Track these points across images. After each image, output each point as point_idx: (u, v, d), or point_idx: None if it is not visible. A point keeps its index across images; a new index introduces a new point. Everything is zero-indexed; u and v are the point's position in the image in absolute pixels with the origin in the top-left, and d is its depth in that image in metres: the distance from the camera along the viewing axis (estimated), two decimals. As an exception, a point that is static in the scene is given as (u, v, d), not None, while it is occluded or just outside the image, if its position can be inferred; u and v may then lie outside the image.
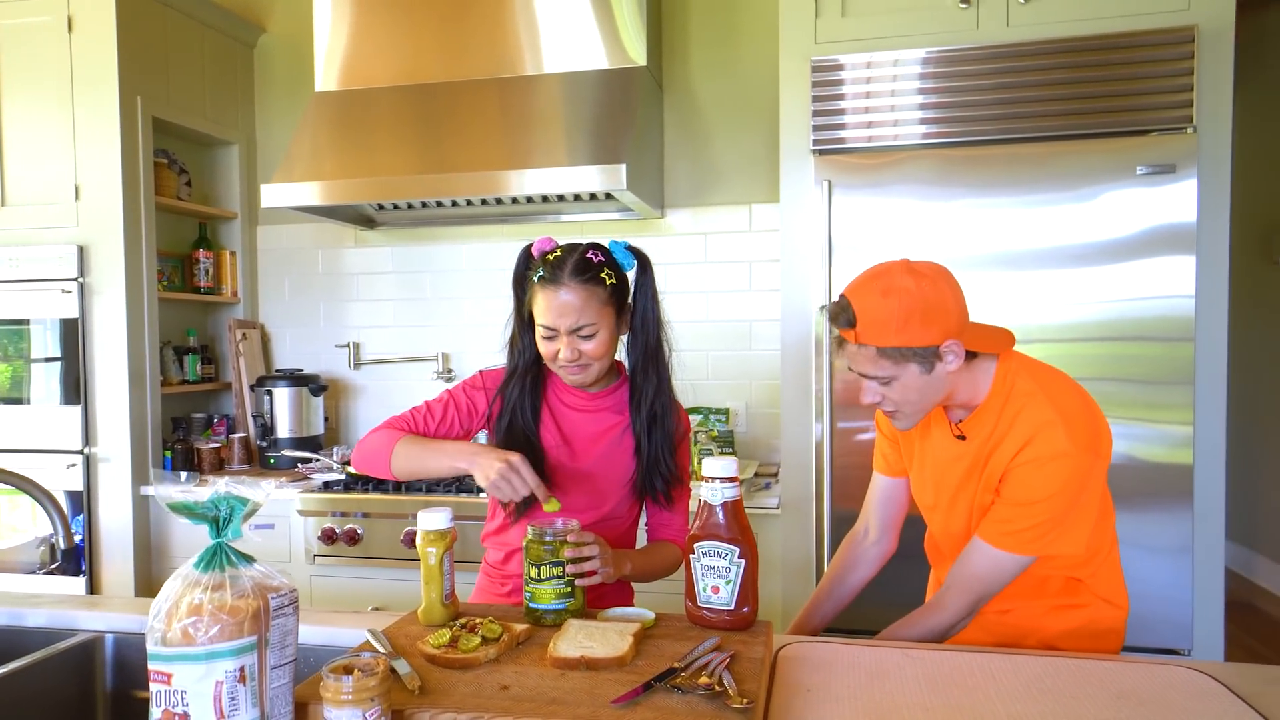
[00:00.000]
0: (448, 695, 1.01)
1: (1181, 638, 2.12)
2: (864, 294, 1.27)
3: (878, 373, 1.28)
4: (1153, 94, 2.11)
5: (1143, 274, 2.11)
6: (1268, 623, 3.68)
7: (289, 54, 3.28)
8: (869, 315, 1.25)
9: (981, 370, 1.32)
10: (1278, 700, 1.07)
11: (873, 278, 1.28)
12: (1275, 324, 4.00)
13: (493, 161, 2.58)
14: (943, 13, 2.25)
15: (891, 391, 1.29)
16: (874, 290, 1.26)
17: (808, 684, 1.13)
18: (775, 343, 2.83)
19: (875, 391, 1.31)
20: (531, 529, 1.29)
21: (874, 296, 1.25)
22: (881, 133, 2.27)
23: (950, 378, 1.29)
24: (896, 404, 1.31)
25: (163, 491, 0.96)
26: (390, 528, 2.55)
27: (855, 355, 1.30)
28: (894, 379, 1.28)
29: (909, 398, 1.29)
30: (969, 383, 1.31)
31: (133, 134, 2.75)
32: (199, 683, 0.88)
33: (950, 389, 1.30)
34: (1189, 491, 2.11)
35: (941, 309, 1.24)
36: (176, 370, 3.02)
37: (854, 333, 1.27)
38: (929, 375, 1.27)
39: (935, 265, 1.29)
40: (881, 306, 1.24)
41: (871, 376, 1.29)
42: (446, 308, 3.17)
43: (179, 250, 3.15)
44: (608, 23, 2.75)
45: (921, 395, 1.29)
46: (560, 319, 1.39)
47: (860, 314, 1.26)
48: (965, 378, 1.30)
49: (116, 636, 1.48)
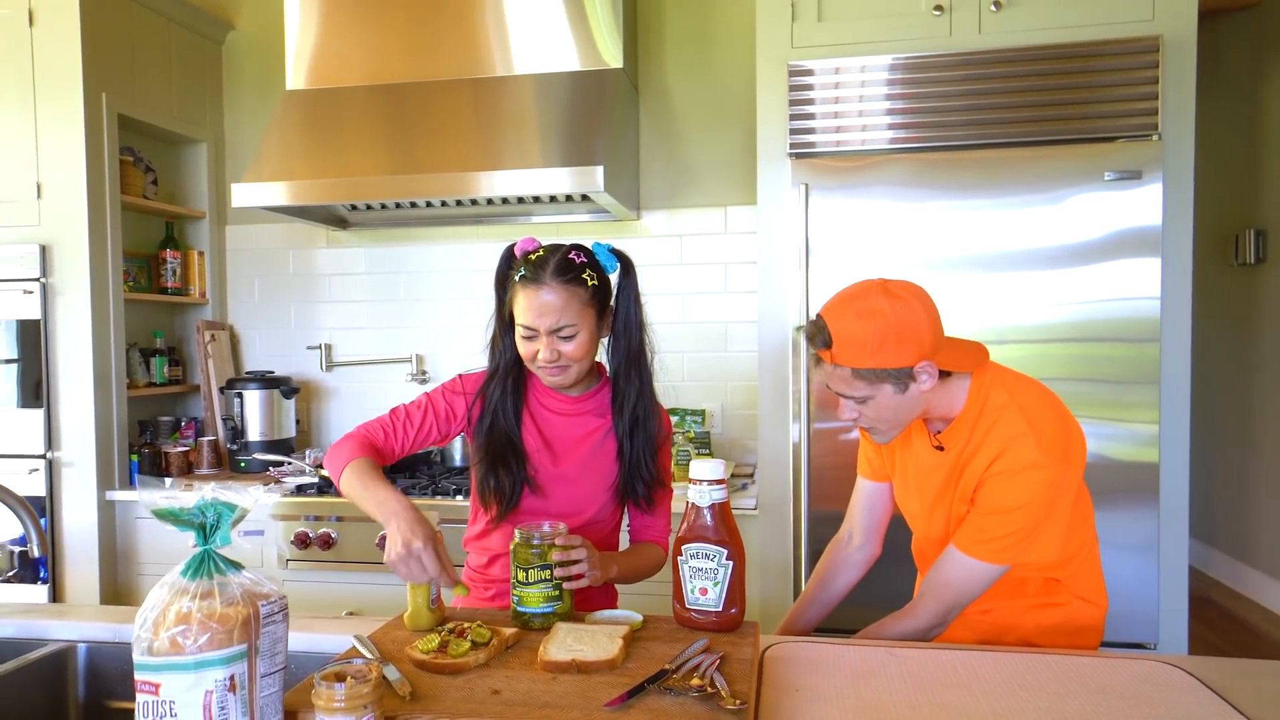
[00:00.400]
0: (439, 701, 1.00)
1: (1148, 632, 2.17)
2: (840, 316, 1.29)
3: (853, 393, 1.31)
4: (1119, 102, 2.16)
5: (1110, 276, 2.16)
6: (1224, 615, 3.78)
7: (258, 52, 3.23)
8: (844, 337, 1.28)
9: (956, 385, 1.35)
10: (1247, 692, 1.11)
11: (849, 299, 1.31)
12: (1232, 326, 4.11)
13: (470, 163, 2.56)
14: (916, 19, 2.29)
15: (867, 410, 1.33)
16: (850, 312, 1.28)
17: (796, 684, 1.14)
18: (751, 344, 2.86)
19: (852, 409, 1.34)
20: (519, 532, 1.28)
21: (850, 318, 1.28)
22: (855, 137, 2.30)
23: (925, 396, 1.32)
24: (872, 421, 1.34)
25: (147, 497, 0.94)
26: (365, 531, 2.52)
27: (832, 375, 1.33)
28: (870, 398, 1.31)
29: (884, 416, 1.33)
30: (944, 398, 1.34)
31: (98, 131, 2.69)
32: (188, 692, 0.87)
33: (926, 406, 1.34)
34: (1155, 489, 2.16)
35: (915, 331, 1.27)
36: (143, 372, 2.96)
37: (830, 353, 1.30)
38: (903, 395, 1.30)
39: (911, 285, 1.32)
40: (857, 329, 1.27)
41: (848, 396, 1.33)
42: (421, 309, 3.14)
43: (145, 250, 3.09)
44: (582, 25, 2.75)
45: (896, 414, 1.33)
46: (540, 319, 1.38)
47: (836, 335, 1.28)
48: (940, 394, 1.33)
49: (89, 646, 1.45)
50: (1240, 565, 4.08)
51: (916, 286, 1.32)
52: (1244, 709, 1.05)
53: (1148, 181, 2.12)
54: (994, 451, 1.29)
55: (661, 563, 1.55)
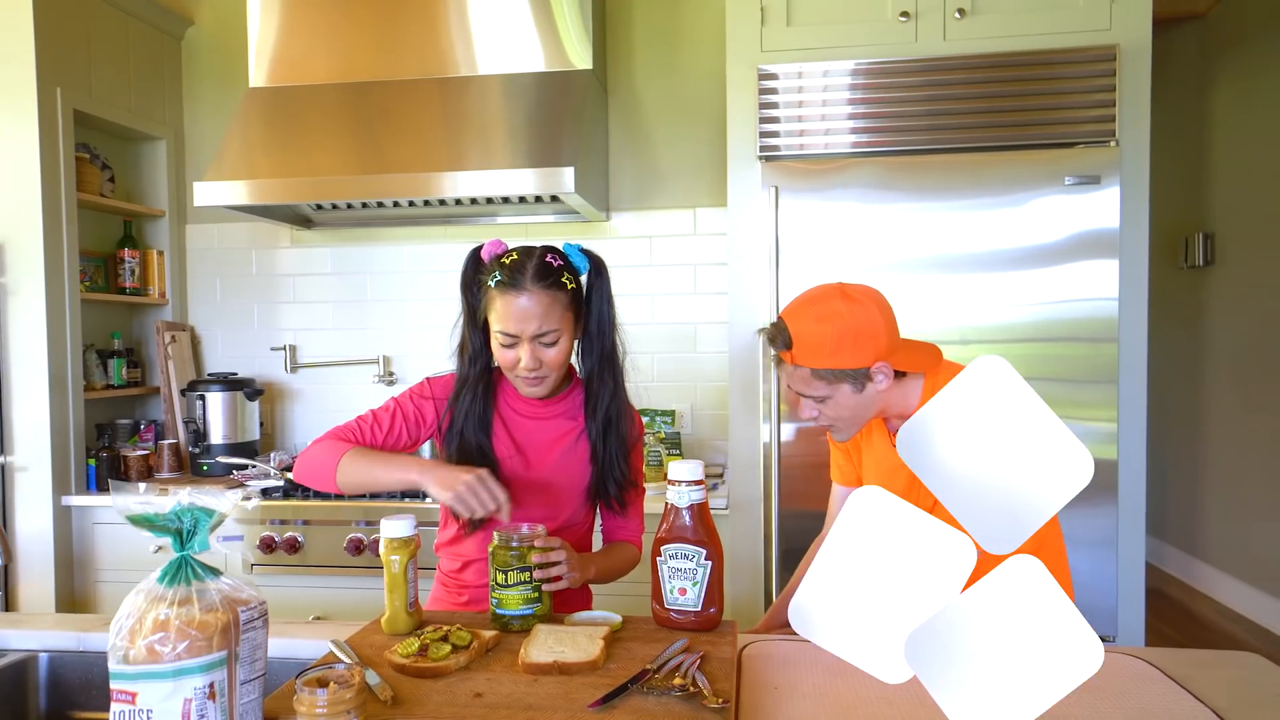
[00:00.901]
0: (421, 705, 1.00)
1: (1107, 625, 2.23)
2: (799, 318, 1.35)
3: (812, 392, 1.37)
4: (1079, 109, 2.22)
5: (1070, 278, 2.21)
6: (1176, 608, 3.90)
7: (217, 47, 3.18)
8: (804, 339, 1.34)
9: (911, 385, 1.41)
10: (1206, 681, 1.15)
11: (808, 302, 1.37)
12: (1181, 327, 4.24)
13: (441, 163, 2.54)
14: (882, 25, 2.32)
15: (826, 409, 1.39)
16: (809, 315, 1.35)
17: (774, 682, 1.16)
18: (720, 345, 2.88)
19: (812, 408, 1.40)
20: (498, 535, 1.28)
21: (809, 321, 1.34)
22: (822, 140, 2.33)
23: (881, 395, 1.38)
24: (831, 420, 1.41)
25: (121, 502, 0.93)
26: (332, 535, 2.49)
27: (792, 375, 1.39)
28: (828, 398, 1.37)
29: (842, 415, 1.39)
30: (900, 397, 1.40)
31: (52, 127, 2.62)
32: (165, 701, 0.86)
33: (883, 405, 1.40)
34: (1113, 487, 2.22)
35: (872, 334, 1.33)
36: (100, 374, 2.89)
37: (790, 354, 1.36)
38: (860, 395, 1.37)
39: (868, 289, 1.38)
40: (816, 331, 1.33)
41: (807, 395, 1.39)
42: (387, 310, 3.11)
43: (102, 249, 3.01)
44: (551, 26, 2.75)
45: (854, 413, 1.39)
46: (523, 325, 1.36)
47: (796, 337, 1.34)
48: (896, 393, 1.40)
49: (50, 655, 1.41)
50: (1190, 559, 4.21)
51: (874, 290, 1.38)
52: (1202, 696, 1.09)
53: (1106, 186, 2.18)
54: None
55: (635, 561, 1.55)
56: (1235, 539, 3.87)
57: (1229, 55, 3.87)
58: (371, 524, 2.49)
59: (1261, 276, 3.64)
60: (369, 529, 2.48)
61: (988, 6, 2.27)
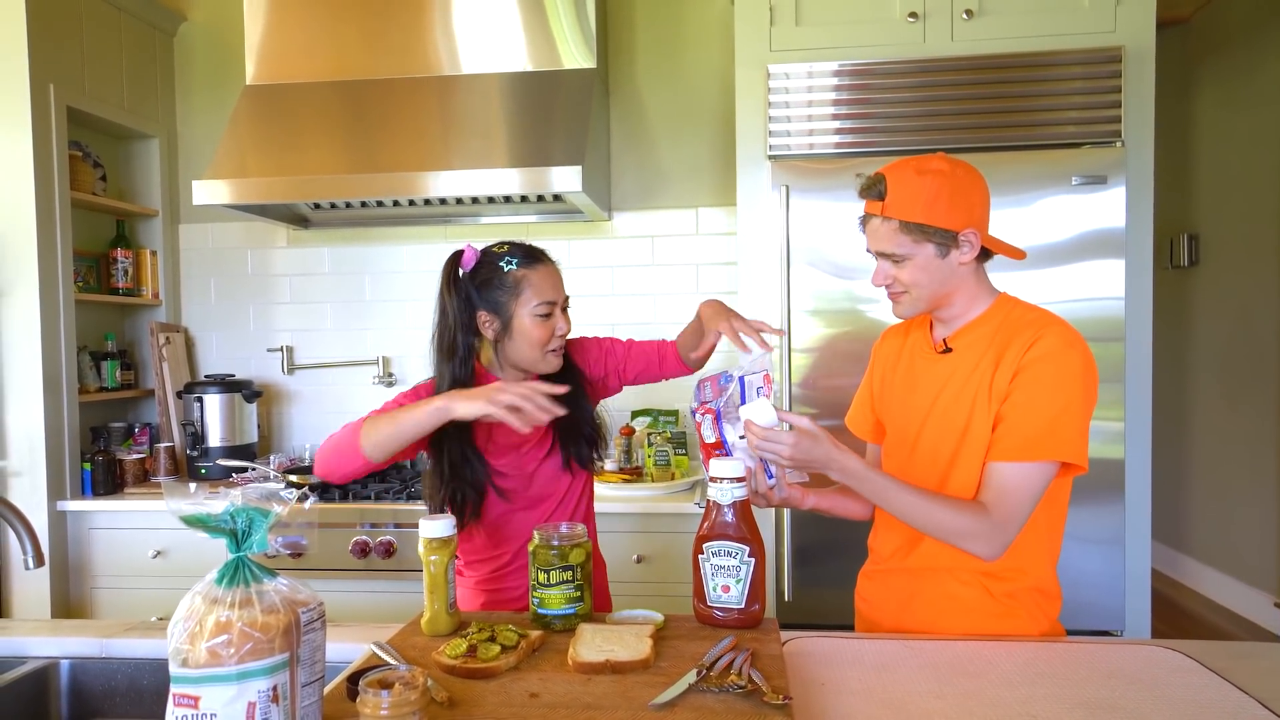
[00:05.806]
0: (479, 705, 0.98)
1: (1114, 620, 2.26)
2: (899, 171, 1.32)
3: (896, 249, 1.32)
4: (1085, 109, 2.25)
5: (1077, 277, 2.24)
6: (1164, 602, 3.96)
7: (211, 44, 3.13)
8: (900, 189, 1.30)
9: (984, 286, 1.37)
10: (1246, 673, 1.16)
11: (911, 159, 1.33)
12: (1167, 327, 4.31)
13: (444, 162, 2.52)
14: (891, 26, 2.34)
15: (903, 272, 1.33)
16: (909, 168, 1.31)
17: (820, 678, 1.16)
18: (724, 344, 2.87)
19: (887, 274, 1.35)
20: (538, 534, 1.27)
21: (908, 173, 1.31)
22: (832, 140, 2.34)
23: (960, 271, 1.33)
24: (906, 285, 1.34)
25: (174, 504, 0.91)
26: (337, 538, 2.46)
27: (877, 230, 1.33)
28: (909, 259, 1.31)
29: (919, 279, 1.32)
30: (970, 290, 1.35)
31: (45, 124, 2.56)
32: (230, 705, 0.84)
33: (954, 287, 1.34)
34: (1120, 485, 2.25)
35: (968, 196, 1.30)
36: (94, 377, 2.83)
37: (882, 205, 1.31)
38: (942, 260, 1.31)
39: (972, 167, 1.34)
40: (914, 182, 1.29)
41: (888, 254, 1.33)
42: (386, 310, 3.08)
43: (95, 249, 2.95)
44: (551, 25, 2.74)
45: (931, 279, 1.32)
46: (559, 290, 1.50)
47: (892, 187, 1.30)
48: (970, 282, 1.34)
49: (72, 662, 1.38)
50: (1176, 554, 4.28)
51: (977, 171, 1.35)
52: (1244, 687, 1.11)
53: (1112, 186, 2.21)
54: (1031, 337, 1.28)
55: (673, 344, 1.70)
56: (1219, 533, 3.94)
57: (1212, 60, 3.94)
58: (376, 526, 2.46)
59: (1244, 277, 3.71)
60: (374, 531, 2.46)
61: (995, 8, 2.30)
